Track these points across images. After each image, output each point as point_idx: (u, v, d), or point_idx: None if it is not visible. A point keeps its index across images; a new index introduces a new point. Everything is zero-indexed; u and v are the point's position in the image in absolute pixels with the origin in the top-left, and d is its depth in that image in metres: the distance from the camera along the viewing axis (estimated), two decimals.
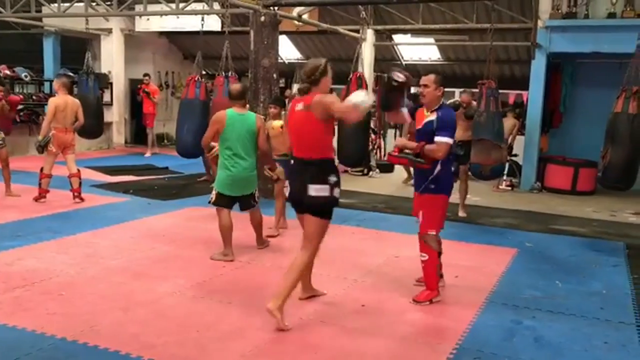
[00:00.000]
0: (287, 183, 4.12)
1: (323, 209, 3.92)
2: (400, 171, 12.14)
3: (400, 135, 11.16)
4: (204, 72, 9.02)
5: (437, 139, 4.27)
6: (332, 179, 3.88)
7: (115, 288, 4.51)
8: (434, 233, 4.41)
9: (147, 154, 12.60)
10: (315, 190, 3.85)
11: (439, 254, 4.53)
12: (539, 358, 3.59)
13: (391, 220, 7.26)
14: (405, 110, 4.47)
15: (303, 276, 4.16)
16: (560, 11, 9.78)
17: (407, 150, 4.42)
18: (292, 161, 4.09)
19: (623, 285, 5.08)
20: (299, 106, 3.92)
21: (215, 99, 8.14)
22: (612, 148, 6.16)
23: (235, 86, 5.58)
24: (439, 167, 4.34)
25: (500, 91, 13.70)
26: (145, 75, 13.06)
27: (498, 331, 3.96)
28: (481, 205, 8.61)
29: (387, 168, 11.93)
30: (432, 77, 4.46)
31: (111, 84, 13.94)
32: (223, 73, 8.12)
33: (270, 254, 5.61)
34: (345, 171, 11.61)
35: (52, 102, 7.38)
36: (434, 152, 4.27)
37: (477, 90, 8.05)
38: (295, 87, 12.88)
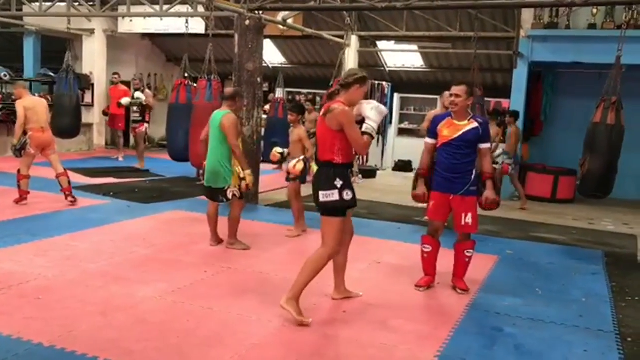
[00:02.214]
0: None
1: (333, 212, 4.05)
2: (382, 177, 12.20)
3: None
4: (186, 75, 8.95)
5: (484, 145, 4.71)
6: (339, 182, 4.00)
7: (93, 292, 4.44)
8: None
9: (120, 158, 12.31)
10: (324, 195, 4.04)
11: None
12: None
13: (373, 226, 7.25)
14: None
15: (336, 275, 4.46)
16: (542, 21, 9.91)
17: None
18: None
19: (602, 293, 5.13)
20: (323, 111, 4.11)
21: (197, 102, 8.09)
22: (590, 157, 6.25)
23: (228, 89, 6.14)
24: (475, 172, 4.71)
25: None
26: (115, 74, 12.81)
27: (479, 339, 3.97)
28: None
29: (369, 174, 11.96)
30: (463, 87, 4.68)
31: (93, 85, 13.79)
32: (206, 76, 8.07)
33: (253, 259, 5.58)
34: None
35: (19, 104, 7.26)
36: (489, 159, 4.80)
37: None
38: (279, 91, 12.87)
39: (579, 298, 4.95)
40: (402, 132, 14.29)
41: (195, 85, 8.55)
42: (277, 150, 6.37)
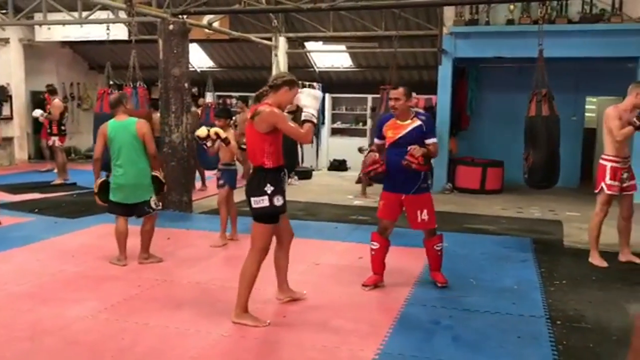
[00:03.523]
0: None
1: (263, 218, 4.05)
2: (318, 177, 12.24)
3: None
4: (111, 83, 8.67)
5: (431, 140, 4.77)
6: (269, 188, 3.97)
7: (20, 316, 4.21)
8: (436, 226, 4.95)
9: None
10: (254, 202, 4.02)
11: None
12: (458, 356, 3.68)
13: (311, 227, 7.25)
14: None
15: (278, 276, 4.48)
16: (463, 18, 10.22)
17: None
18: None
19: (532, 279, 5.32)
20: (250, 115, 4.04)
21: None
22: (532, 150, 6.44)
23: (113, 95, 5.81)
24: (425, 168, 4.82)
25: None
26: (48, 85, 12.28)
27: (418, 333, 4.03)
28: None
29: (305, 175, 11.97)
30: (401, 90, 4.78)
31: (10, 96, 13.14)
32: (131, 83, 7.84)
33: (189, 269, 5.46)
34: None
35: None
36: (434, 153, 4.81)
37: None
38: (209, 96, 12.68)
39: (511, 286, 5.12)
40: (335, 131, 14.41)
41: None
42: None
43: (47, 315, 4.22)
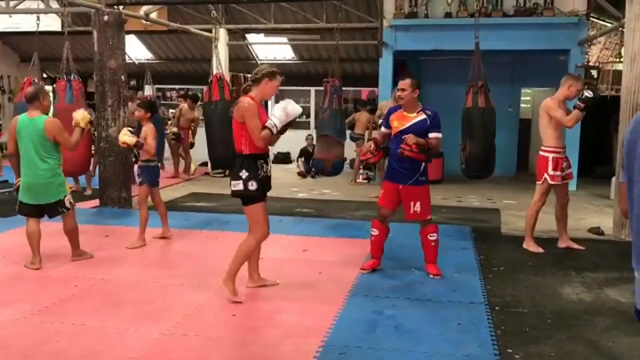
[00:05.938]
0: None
1: (246, 200, 4.32)
2: None
3: None
4: (45, 76, 8.31)
5: (434, 135, 4.96)
6: (244, 174, 4.23)
7: None
8: (431, 217, 5.12)
9: None
10: (232, 185, 4.33)
11: None
12: (401, 346, 3.72)
13: None
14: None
15: (249, 265, 4.68)
16: (403, 11, 10.33)
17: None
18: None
19: (471, 267, 5.44)
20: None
21: (58, 105, 7.51)
22: (469, 141, 6.56)
23: (29, 89, 5.50)
24: (425, 163, 4.97)
25: (353, 88, 14.20)
26: None
27: (361, 324, 4.05)
28: (340, 200, 8.85)
29: None
30: (408, 81, 4.93)
31: None
32: (64, 76, 7.54)
33: (128, 267, 5.31)
34: (207, 173, 11.41)
35: None
36: (436, 147, 4.99)
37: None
38: (148, 88, 12.37)
39: (451, 274, 5.21)
40: None
41: (42, 84, 7.94)
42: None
43: None
